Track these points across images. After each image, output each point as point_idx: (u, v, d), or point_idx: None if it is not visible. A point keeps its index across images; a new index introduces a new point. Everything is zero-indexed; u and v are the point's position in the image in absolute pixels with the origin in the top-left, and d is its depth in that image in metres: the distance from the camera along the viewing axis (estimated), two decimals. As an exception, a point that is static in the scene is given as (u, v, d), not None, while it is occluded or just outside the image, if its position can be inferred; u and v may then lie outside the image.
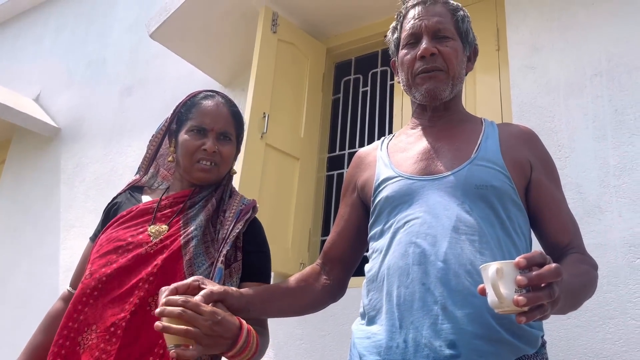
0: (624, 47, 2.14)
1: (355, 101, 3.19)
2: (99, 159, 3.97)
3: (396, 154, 1.26)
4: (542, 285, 0.82)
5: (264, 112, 2.73)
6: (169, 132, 1.42)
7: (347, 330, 2.35)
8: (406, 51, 1.26)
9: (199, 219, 1.29)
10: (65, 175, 4.17)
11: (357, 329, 1.17)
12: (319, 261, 1.34)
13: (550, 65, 2.29)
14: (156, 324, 0.94)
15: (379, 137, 2.81)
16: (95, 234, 1.40)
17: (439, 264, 1.05)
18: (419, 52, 1.22)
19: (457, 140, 1.22)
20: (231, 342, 1.00)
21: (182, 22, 3.09)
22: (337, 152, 3.11)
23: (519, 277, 0.81)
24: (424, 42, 1.22)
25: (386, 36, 1.38)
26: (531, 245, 1.19)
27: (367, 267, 1.21)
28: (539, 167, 1.19)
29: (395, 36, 1.33)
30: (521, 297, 0.80)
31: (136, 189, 1.44)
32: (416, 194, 1.14)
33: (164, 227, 1.27)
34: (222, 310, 1.00)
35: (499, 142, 1.19)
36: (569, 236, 1.16)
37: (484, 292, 0.87)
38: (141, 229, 1.27)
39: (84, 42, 4.69)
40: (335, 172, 3.06)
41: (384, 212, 1.19)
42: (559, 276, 0.82)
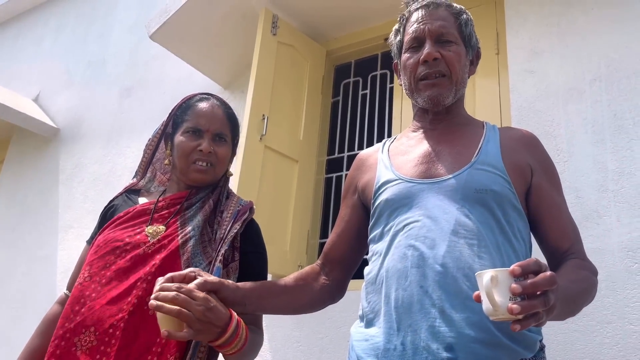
0: (623, 53, 2.14)
1: (354, 104, 3.19)
2: (98, 160, 3.96)
3: (397, 156, 1.26)
4: (538, 293, 0.82)
5: (264, 114, 2.73)
6: (165, 135, 1.42)
7: (345, 333, 2.35)
8: (409, 55, 1.26)
9: (197, 219, 1.29)
10: (64, 175, 4.16)
11: (356, 331, 1.17)
12: (319, 261, 1.34)
13: (549, 69, 2.29)
14: (150, 302, 0.97)
15: (379, 140, 2.81)
16: (92, 237, 1.39)
17: (437, 267, 1.05)
18: (421, 57, 1.22)
19: (458, 143, 1.21)
20: (221, 330, 1.01)
21: (182, 24, 3.10)
22: (336, 155, 3.11)
23: (513, 285, 0.81)
24: (427, 47, 1.22)
25: (387, 39, 1.38)
26: (531, 250, 1.19)
27: (366, 270, 1.21)
28: (540, 171, 1.18)
29: (397, 39, 1.33)
30: (515, 305, 0.80)
31: (133, 192, 1.45)
32: (416, 197, 1.14)
33: (162, 227, 1.27)
34: (214, 300, 1.02)
35: (500, 146, 1.19)
36: (570, 241, 1.15)
37: (479, 300, 0.87)
38: (139, 230, 1.27)
39: (84, 43, 4.69)
40: (334, 175, 3.06)
41: (383, 214, 1.19)
42: (554, 284, 0.82)
